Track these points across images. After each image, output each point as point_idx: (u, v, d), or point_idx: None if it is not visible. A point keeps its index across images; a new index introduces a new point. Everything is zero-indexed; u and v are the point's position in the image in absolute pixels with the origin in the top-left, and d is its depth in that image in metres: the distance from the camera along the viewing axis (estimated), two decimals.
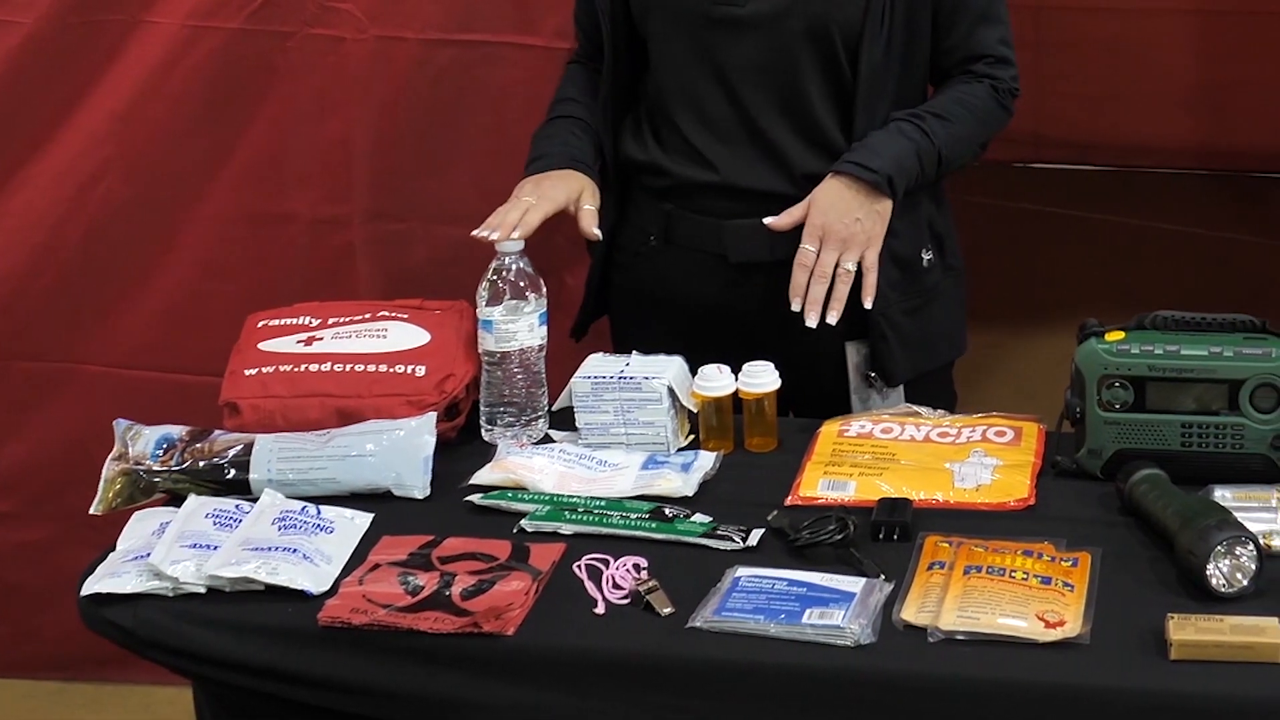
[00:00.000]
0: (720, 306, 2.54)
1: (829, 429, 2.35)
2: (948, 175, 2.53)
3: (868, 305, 2.39)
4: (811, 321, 2.34)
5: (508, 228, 2.38)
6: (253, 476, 2.21)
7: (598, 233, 2.49)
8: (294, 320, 2.46)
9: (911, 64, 2.47)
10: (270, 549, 2.04)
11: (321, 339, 2.41)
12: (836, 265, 2.35)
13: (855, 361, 2.53)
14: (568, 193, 2.48)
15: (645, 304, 2.60)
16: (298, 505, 2.15)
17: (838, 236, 2.36)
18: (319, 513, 2.13)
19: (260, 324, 2.47)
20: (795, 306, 2.35)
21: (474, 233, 2.39)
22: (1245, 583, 1.90)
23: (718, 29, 2.44)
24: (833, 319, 2.33)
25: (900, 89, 2.46)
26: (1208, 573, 1.90)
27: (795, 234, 2.40)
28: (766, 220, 2.40)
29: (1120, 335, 2.19)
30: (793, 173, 2.47)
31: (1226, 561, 1.90)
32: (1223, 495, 2.08)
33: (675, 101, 2.51)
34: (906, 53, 2.45)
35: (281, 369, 2.36)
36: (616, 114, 2.58)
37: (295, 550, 2.04)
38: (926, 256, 2.53)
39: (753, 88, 2.46)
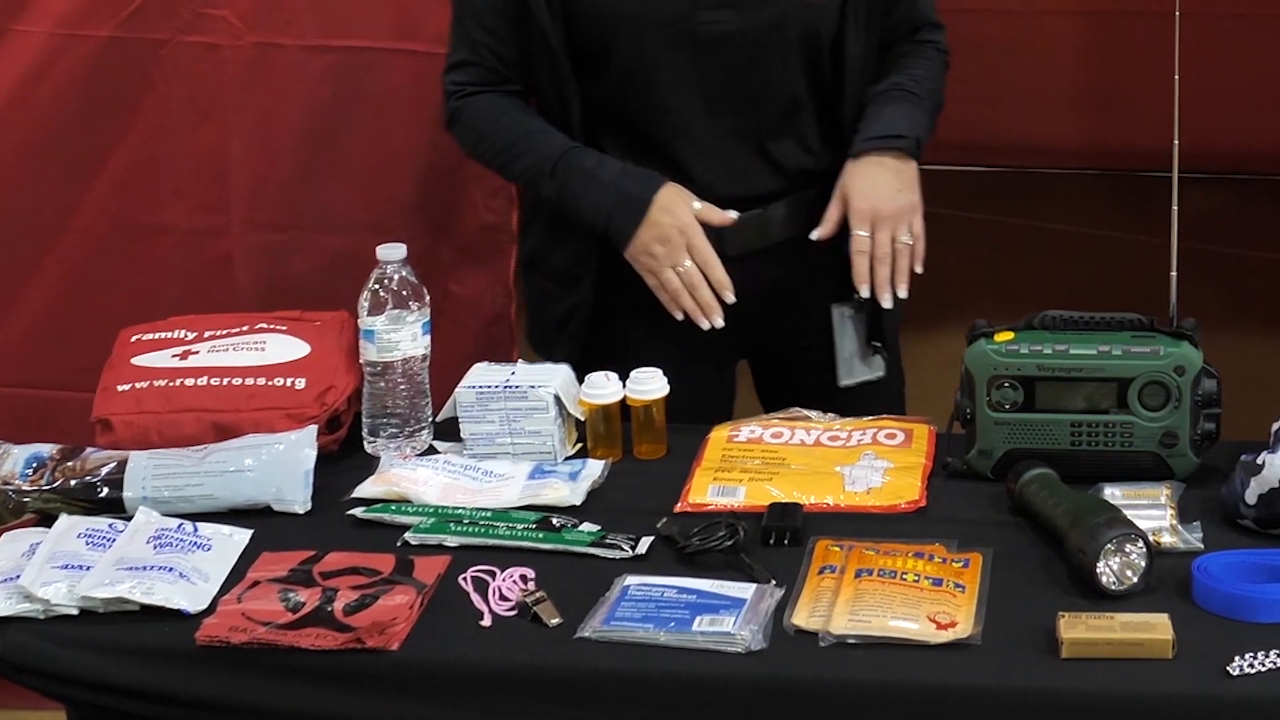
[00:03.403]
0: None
1: (718, 434, 2.34)
2: None
3: (919, 270, 2.42)
4: (887, 302, 2.37)
5: (714, 306, 2.37)
6: (126, 494, 2.17)
7: (732, 215, 2.42)
8: (168, 334, 2.43)
9: (881, 45, 2.50)
10: (145, 568, 2.00)
11: (197, 352, 2.38)
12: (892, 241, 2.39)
13: (843, 325, 2.52)
14: (689, 211, 2.40)
15: (642, 307, 2.48)
16: (174, 523, 2.11)
17: (886, 215, 2.39)
18: (196, 530, 2.10)
19: (133, 338, 2.43)
20: (864, 293, 2.38)
21: (703, 325, 2.38)
22: (1135, 580, 1.91)
23: (702, 45, 2.39)
24: (902, 293, 2.35)
25: (876, 70, 2.50)
26: (1098, 571, 1.90)
27: (790, 219, 2.46)
28: (813, 235, 2.40)
29: (1009, 336, 2.20)
30: (786, 172, 2.47)
31: (1116, 559, 1.91)
32: (1112, 493, 2.09)
33: (652, 119, 2.44)
34: (878, 36, 2.47)
35: (156, 384, 2.32)
36: (596, 136, 2.48)
37: (171, 569, 2.00)
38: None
39: (741, 98, 2.42)
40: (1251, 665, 1.77)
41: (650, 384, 2.30)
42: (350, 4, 2.87)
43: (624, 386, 2.30)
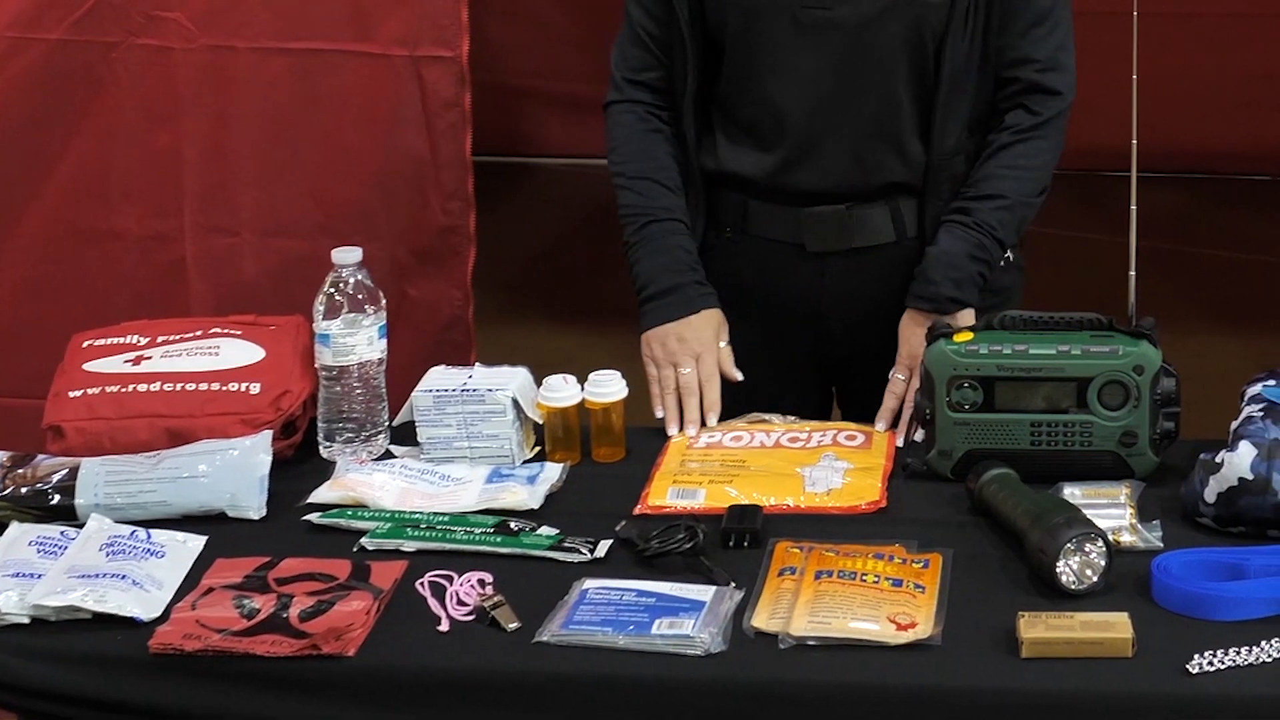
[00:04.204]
0: (797, 297, 2.49)
1: (679, 440, 2.33)
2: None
3: None
4: (899, 441, 2.31)
5: (694, 420, 2.36)
6: (79, 501, 2.15)
7: (739, 375, 2.43)
8: (121, 340, 2.41)
9: (988, 62, 2.42)
10: (98, 576, 1.98)
11: (150, 358, 2.36)
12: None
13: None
14: (715, 340, 2.42)
15: (720, 298, 2.49)
16: (126, 530, 2.09)
17: None
18: (149, 537, 2.08)
19: (85, 344, 2.41)
20: (880, 429, 2.34)
21: (671, 433, 2.35)
22: (1095, 579, 1.91)
23: (805, 32, 2.38)
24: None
25: (978, 87, 2.42)
26: (1058, 570, 1.90)
27: (873, 222, 2.42)
28: (879, 425, 2.35)
29: (969, 336, 2.20)
30: (875, 174, 2.43)
31: (1076, 558, 1.91)
32: (1072, 493, 2.09)
33: (753, 105, 2.43)
34: (986, 51, 2.40)
35: (108, 390, 2.30)
36: (700, 123, 2.49)
37: (124, 576, 1.98)
38: (1004, 256, 2.48)
39: (840, 91, 2.40)
40: (1211, 663, 1.77)
41: (609, 387, 2.29)
42: (305, 6, 2.85)
43: (582, 389, 2.29)
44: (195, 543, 2.09)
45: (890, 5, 2.35)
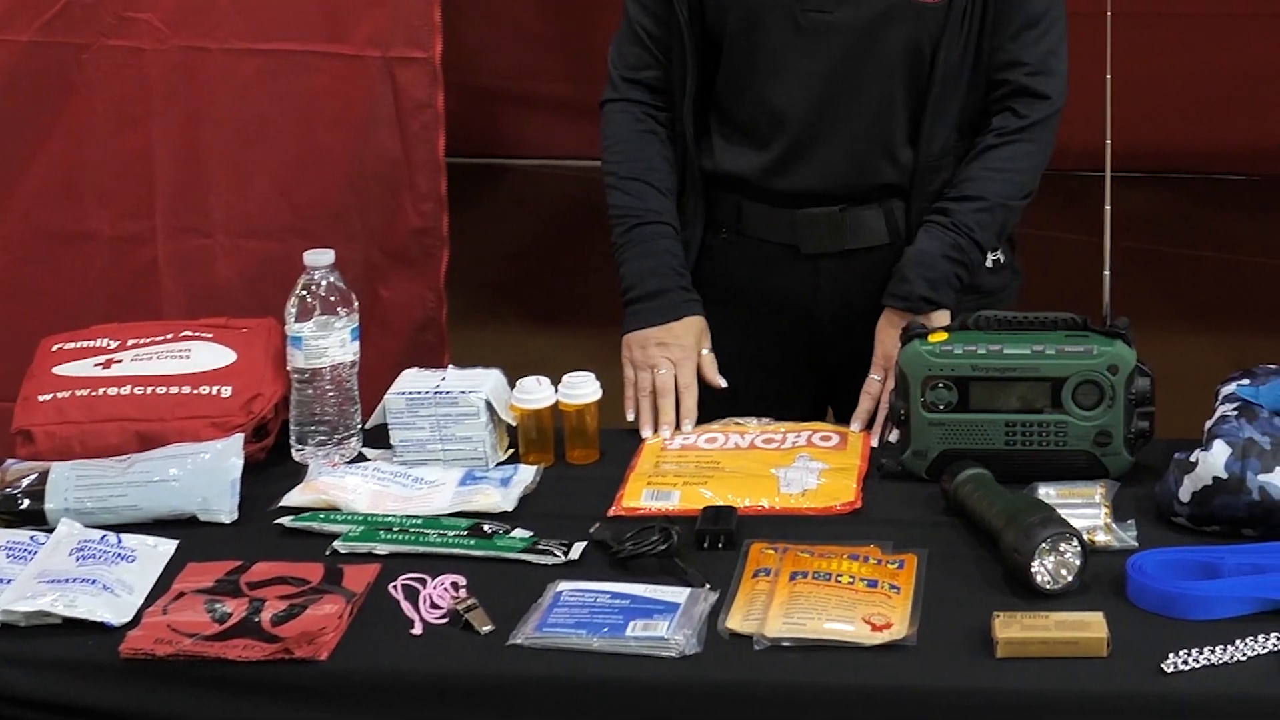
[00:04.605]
0: (791, 299, 2.49)
1: (653, 443, 2.33)
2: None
3: None
4: (874, 441, 2.31)
5: (668, 421, 2.35)
6: (48, 506, 2.14)
7: (723, 382, 2.42)
8: (91, 343, 2.39)
9: (980, 65, 2.41)
10: (68, 580, 1.97)
11: (121, 361, 2.35)
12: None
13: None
14: (696, 348, 2.42)
15: (715, 299, 2.49)
16: (97, 534, 2.08)
17: None
18: (119, 541, 2.07)
19: (55, 348, 2.39)
20: (856, 429, 2.34)
21: (644, 435, 2.34)
22: (1070, 579, 1.90)
23: (804, 34, 2.38)
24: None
25: (970, 90, 2.42)
26: (1032, 570, 1.89)
27: (867, 224, 2.42)
28: (854, 426, 2.35)
29: (944, 336, 2.20)
30: (869, 176, 2.42)
31: (1051, 558, 1.90)
32: (1047, 493, 2.09)
33: (750, 105, 2.43)
34: (979, 54, 2.40)
35: (78, 394, 2.29)
36: (699, 124, 2.49)
37: (94, 581, 1.97)
38: (994, 257, 2.48)
39: (837, 93, 2.39)
40: (1186, 662, 1.77)
41: (583, 388, 2.28)
42: (277, 7, 2.85)
43: (556, 391, 2.28)
44: (166, 547, 2.08)
45: (889, 9, 2.35)
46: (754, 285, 2.50)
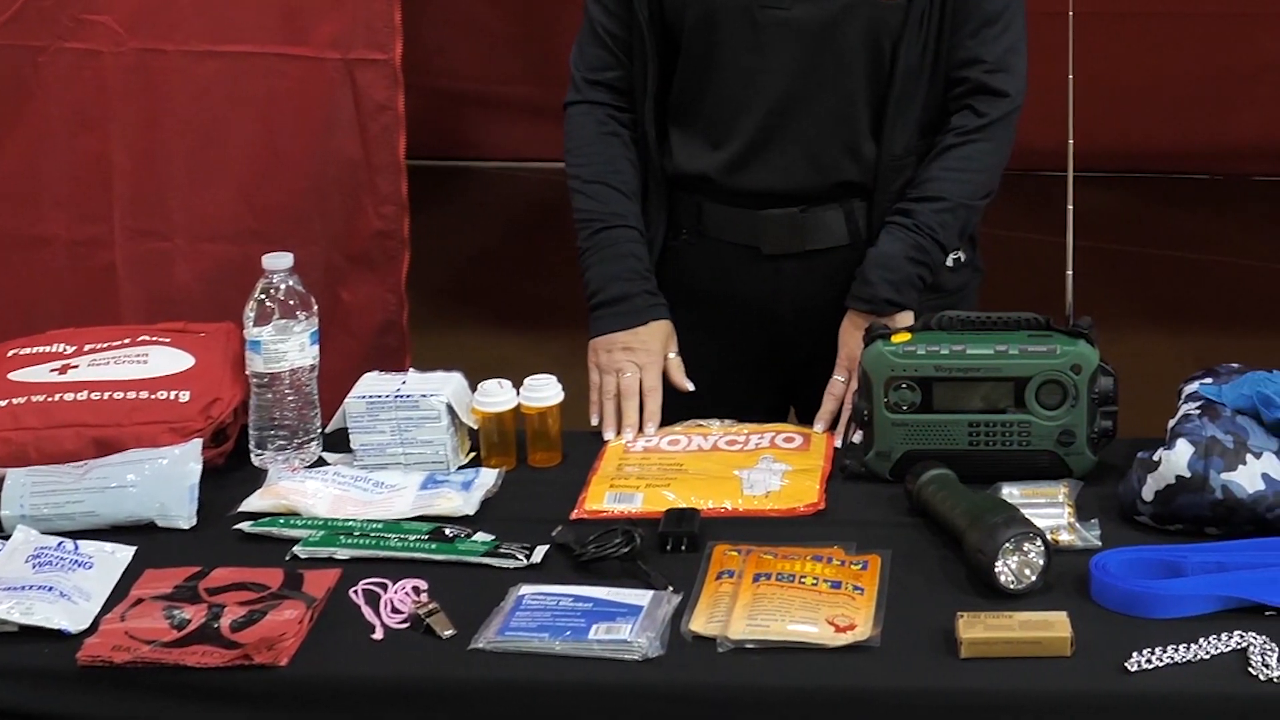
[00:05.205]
0: (752, 300, 2.48)
1: (616, 445, 2.32)
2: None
3: None
4: (837, 442, 2.31)
5: (632, 423, 2.34)
6: (4, 513, 2.13)
7: (690, 385, 2.41)
8: (47, 348, 2.37)
9: (940, 64, 2.41)
10: (24, 588, 1.95)
11: (77, 366, 2.33)
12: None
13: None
14: (662, 352, 2.41)
15: (677, 301, 2.48)
16: (53, 541, 2.07)
17: None
18: (77, 548, 2.06)
19: (10, 353, 2.38)
20: (819, 430, 2.33)
21: (607, 436, 2.33)
22: (1034, 579, 1.90)
23: (762, 32, 2.36)
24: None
25: (930, 89, 2.41)
26: (996, 570, 1.89)
27: (827, 225, 2.42)
28: (817, 427, 2.34)
29: (907, 337, 2.19)
30: (830, 176, 2.42)
31: (1015, 558, 1.90)
32: (1010, 492, 2.09)
33: (710, 106, 2.42)
34: (939, 52, 2.40)
35: (34, 399, 2.27)
36: (660, 124, 2.48)
37: (51, 588, 1.96)
38: (955, 256, 2.48)
39: (797, 93, 2.38)
40: (1149, 661, 1.77)
41: (544, 391, 2.27)
42: (236, 8, 2.83)
43: (518, 394, 2.27)
44: (124, 553, 2.06)
45: (848, 6, 2.34)
46: (715, 286, 2.49)
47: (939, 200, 2.39)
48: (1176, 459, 2.01)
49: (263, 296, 2.25)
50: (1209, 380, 2.17)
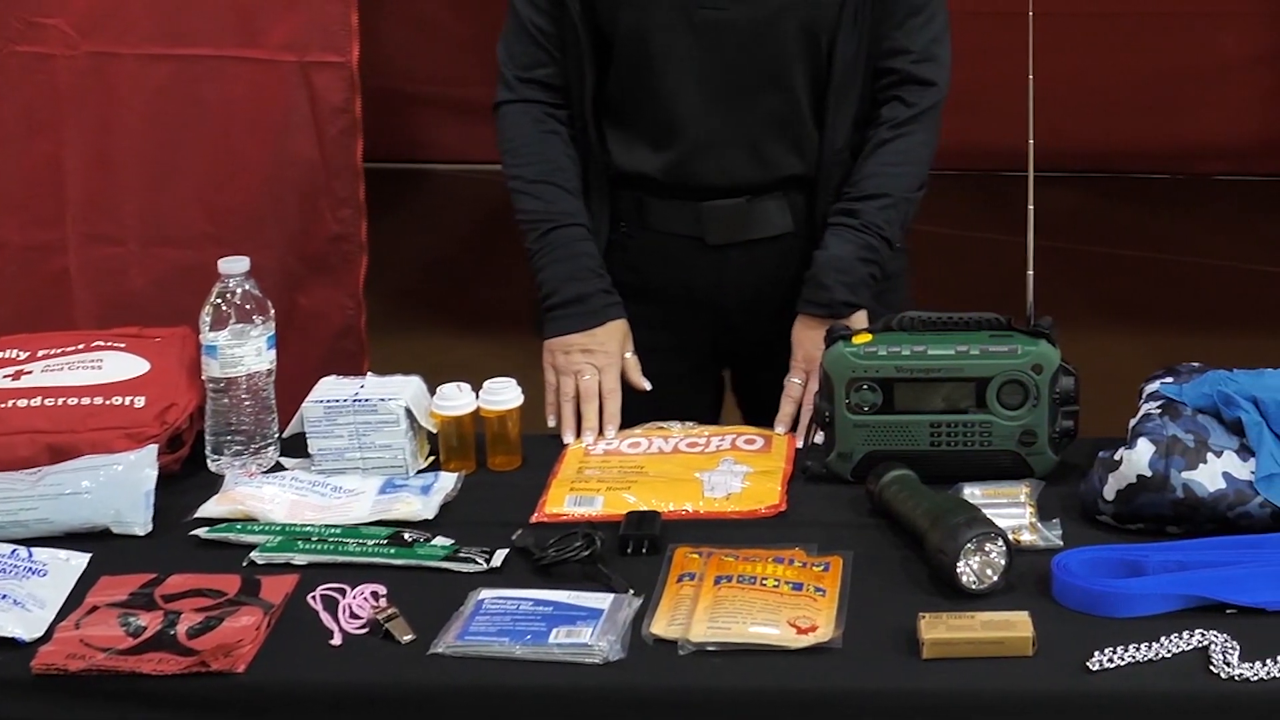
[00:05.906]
0: (698, 290, 2.48)
1: (576, 448, 2.31)
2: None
3: None
4: (799, 444, 2.30)
5: (591, 426, 2.34)
6: None
7: (647, 384, 2.40)
8: None
9: (873, 57, 2.41)
10: None
11: (31, 372, 2.31)
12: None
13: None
14: (620, 353, 2.40)
15: (622, 294, 2.46)
16: (7, 548, 2.04)
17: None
18: (30, 555, 2.03)
19: None
20: (780, 432, 2.33)
21: (566, 440, 2.32)
22: (996, 579, 1.90)
23: (699, 32, 2.36)
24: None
25: (865, 83, 2.42)
26: (958, 570, 1.89)
27: (771, 214, 2.42)
28: (778, 429, 2.34)
29: (868, 338, 2.19)
30: (773, 169, 2.42)
31: (977, 558, 1.90)
32: (972, 493, 2.08)
33: (648, 104, 2.42)
34: (873, 46, 2.40)
35: None
36: (598, 123, 2.46)
37: (5, 596, 1.93)
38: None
39: (736, 89, 2.38)
40: (1111, 660, 1.77)
41: (504, 394, 2.26)
42: (190, 11, 2.81)
43: (477, 397, 2.26)
44: (79, 560, 2.04)
45: (784, 4, 2.34)
46: (661, 277, 2.49)
47: (883, 197, 2.40)
48: (1137, 458, 2.01)
49: (219, 301, 2.23)
50: (1170, 379, 2.18)
